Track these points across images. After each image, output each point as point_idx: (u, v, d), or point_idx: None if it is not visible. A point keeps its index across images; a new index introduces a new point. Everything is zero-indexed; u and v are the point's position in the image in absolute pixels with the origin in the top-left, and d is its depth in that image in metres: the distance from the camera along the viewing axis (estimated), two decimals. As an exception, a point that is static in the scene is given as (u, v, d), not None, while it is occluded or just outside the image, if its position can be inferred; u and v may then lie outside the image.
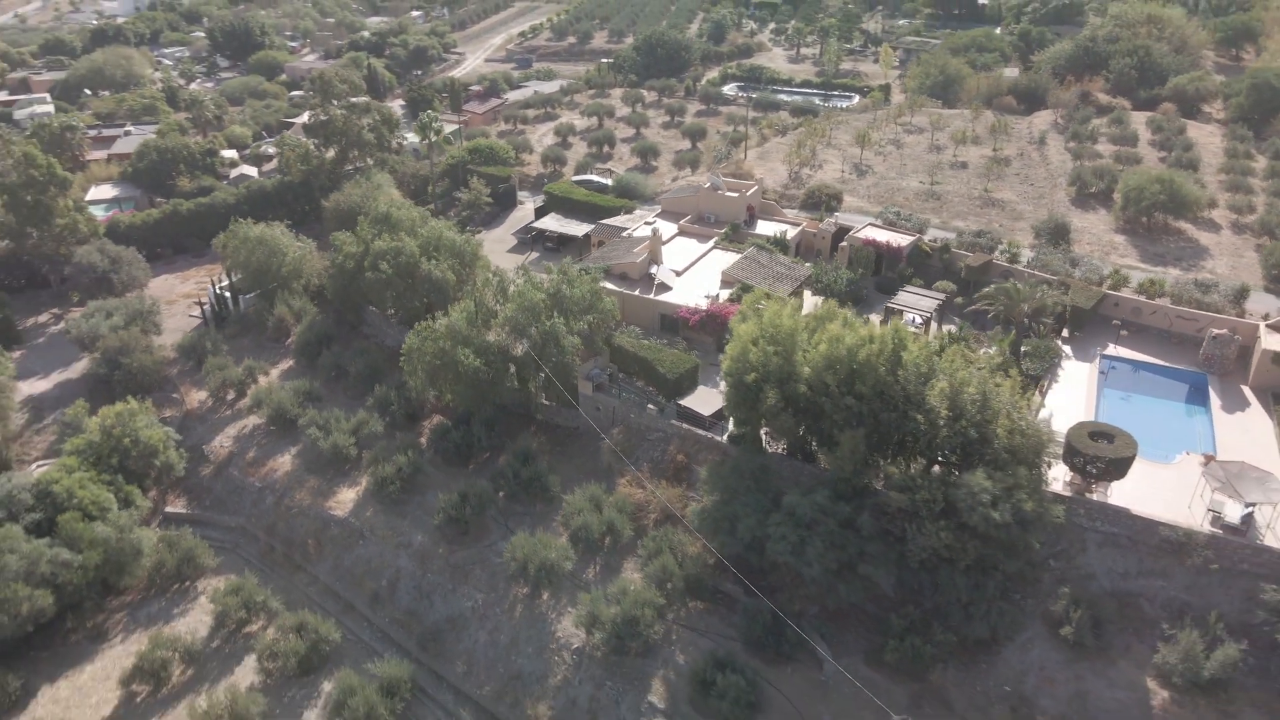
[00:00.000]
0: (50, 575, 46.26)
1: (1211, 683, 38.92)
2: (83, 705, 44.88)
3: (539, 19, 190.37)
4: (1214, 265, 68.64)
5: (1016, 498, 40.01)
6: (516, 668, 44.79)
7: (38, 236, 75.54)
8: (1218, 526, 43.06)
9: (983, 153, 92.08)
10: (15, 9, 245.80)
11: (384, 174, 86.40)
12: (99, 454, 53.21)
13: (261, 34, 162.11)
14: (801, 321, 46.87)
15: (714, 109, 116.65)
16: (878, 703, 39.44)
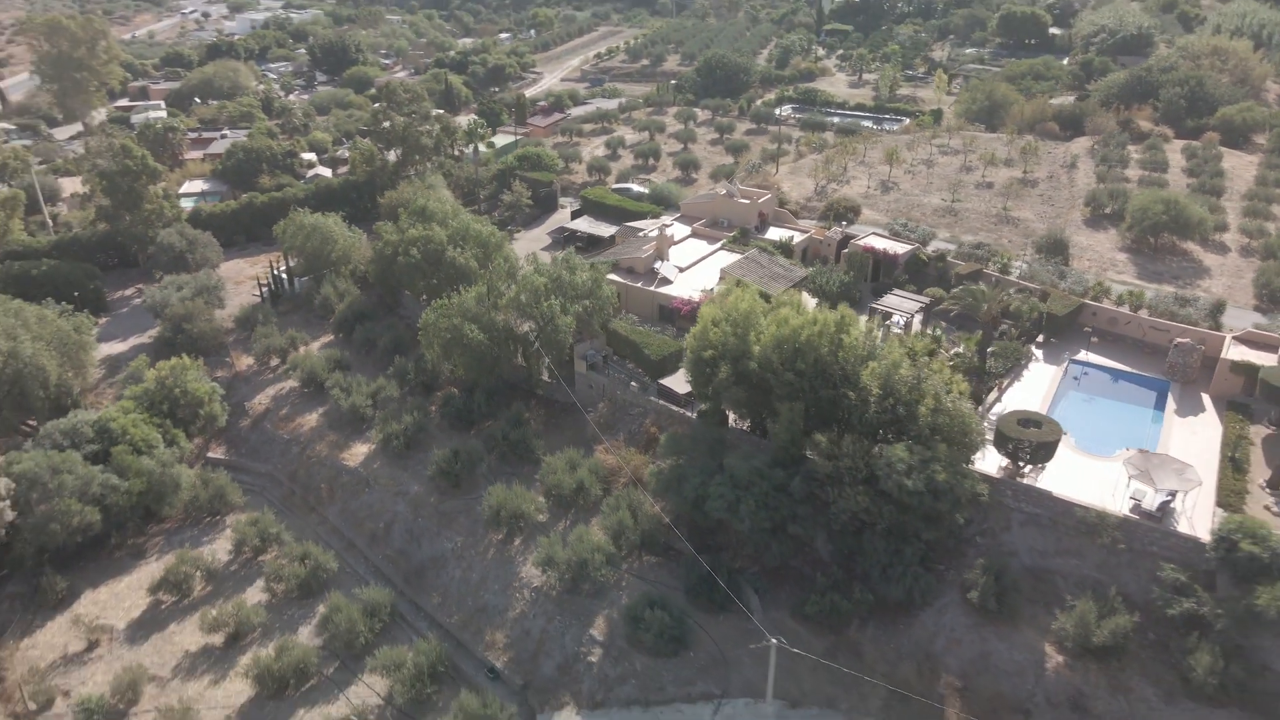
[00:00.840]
0: (99, 496, 53.90)
1: (1102, 649, 41.68)
2: (117, 608, 52.18)
3: (618, 42, 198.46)
4: (1211, 284, 70.06)
5: (931, 469, 43.59)
6: (483, 601, 50.26)
7: (129, 219, 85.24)
8: (1136, 513, 45.64)
9: (1012, 174, 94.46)
10: (149, 26, 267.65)
11: (437, 175, 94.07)
12: (153, 400, 61.16)
13: (356, 51, 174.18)
14: (759, 306, 51.38)
15: (763, 128, 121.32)
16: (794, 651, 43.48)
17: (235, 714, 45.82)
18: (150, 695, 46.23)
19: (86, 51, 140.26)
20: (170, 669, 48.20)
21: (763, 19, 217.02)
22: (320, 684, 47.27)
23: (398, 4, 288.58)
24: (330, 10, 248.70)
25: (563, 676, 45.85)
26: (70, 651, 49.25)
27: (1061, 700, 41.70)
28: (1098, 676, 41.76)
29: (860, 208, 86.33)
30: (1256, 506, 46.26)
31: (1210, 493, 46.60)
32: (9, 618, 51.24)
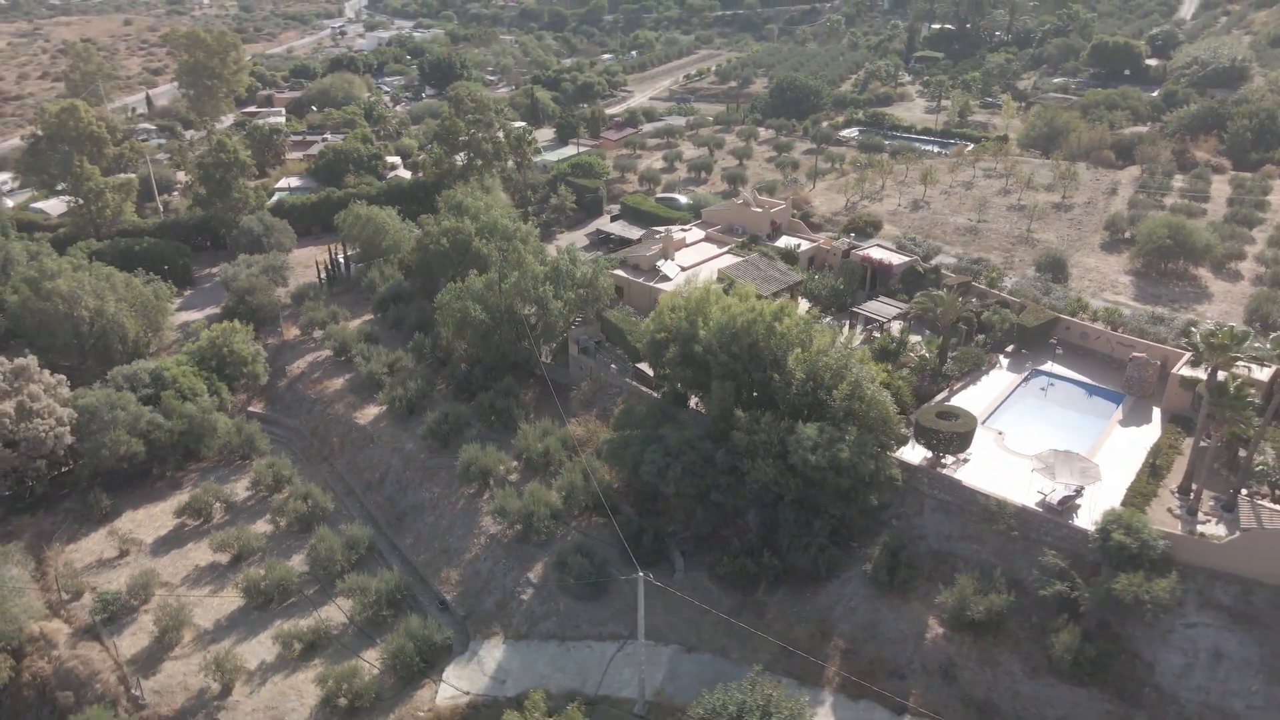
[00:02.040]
0: (146, 431, 62.99)
1: (979, 624, 44.48)
2: (149, 526, 60.89)
3: (712, 65, 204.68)
4: (1207, 309, 70.40)
5: (836, 448, 47.41)
6: (447, 544, 56.56)
7: (219, 206, 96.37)
8: (1040, 505, 48.13)
9: (1049, 199, 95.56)
10: (292, 42, 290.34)
11: (495, 179, 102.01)
12: (203, 356, 70.44)
13: (462, 68, 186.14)
14: (712, 295, 56.12)
15: (822, 148, 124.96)
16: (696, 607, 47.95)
17: (224, 619, 53.33)
18: (159, 596, 54.26)
19: (219, 62, 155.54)
20: (180, 578, 56.28)
21: (861, 45, 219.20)
22: (299, 601, 54.35)
23: (517, 25, 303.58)
24: (450, 30, 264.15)
25: (498, 611, 51.55)
26: (104, 557, 58.05)
27: (935, 668, 44.72)
28: (970, 649, 44.60)
29: (882, 223, 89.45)
30: (1160, 508, 47.96)
31: (1120, 494, 48.63)
32: (61, 527, 60.58)
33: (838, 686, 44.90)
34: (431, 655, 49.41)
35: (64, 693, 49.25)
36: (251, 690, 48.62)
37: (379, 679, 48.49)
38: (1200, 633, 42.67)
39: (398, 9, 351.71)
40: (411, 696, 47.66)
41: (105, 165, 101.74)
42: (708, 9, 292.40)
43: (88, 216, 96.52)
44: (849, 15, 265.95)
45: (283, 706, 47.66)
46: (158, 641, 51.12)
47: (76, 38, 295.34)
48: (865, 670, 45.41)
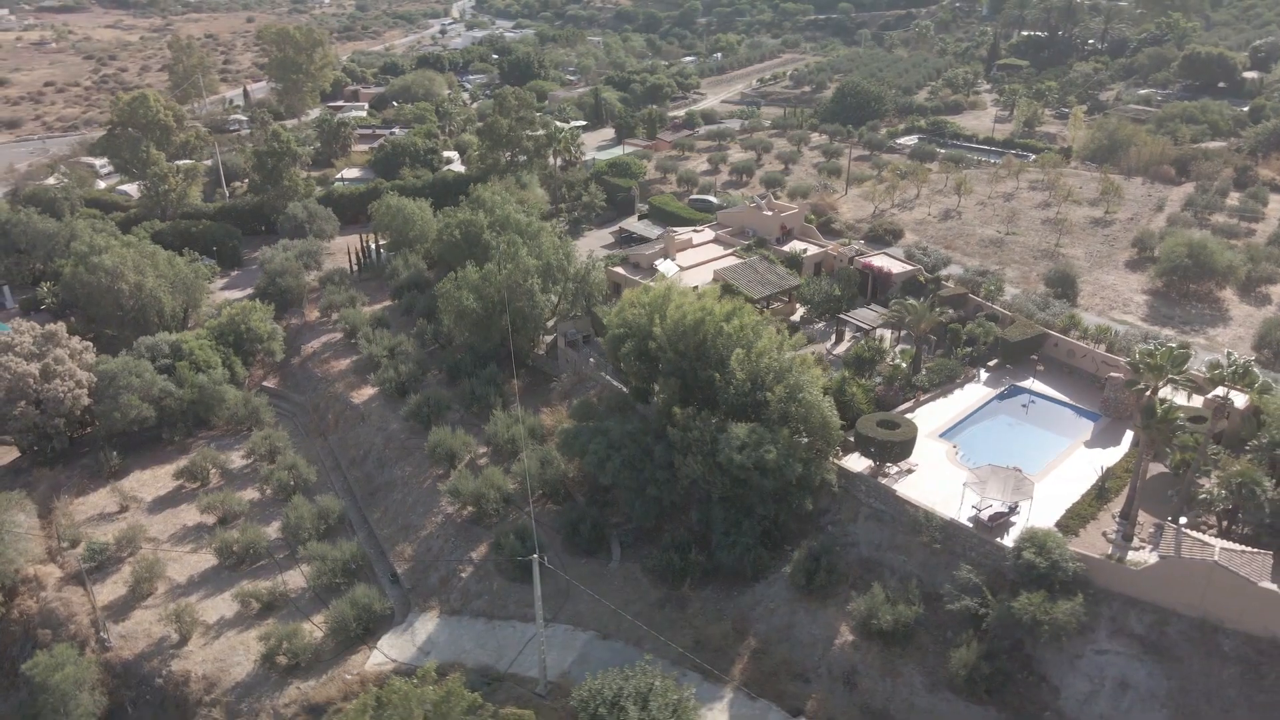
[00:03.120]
0: (158, 397, 67.68)
1: (886, 633, 44.18)
2: (151, 486, 65.46)
3: (789, 69, 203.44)
4: (1220, 333, 67.25)
5: (763, 449, 47.74)
6: (408, 521, 59.11)
7: (271, 193, 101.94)
8: (971, 520, 47.37)
9: (1090, 214, 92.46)
10: (395, 40, 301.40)
11: (533, 175, 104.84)
12: (222, 332, 75.04)
13: (540, 67, 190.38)
14: (673, 292, 56.91)
15: (875, 155, 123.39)
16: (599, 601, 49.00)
17: (197, 575, 57.11)
18: (143, 550, 58.46)
19: (305, 58, 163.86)
20: (167, 535, 60.45)
21: (949, 52, 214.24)
22: (268, 565, 57.72)
23: (612, 26, 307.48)
24: (540, 30, 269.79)
25: (440, 587, 53.71)
26: (105, 511, 62.76)
27: (839, 674, 44.65)
28: (875, 658, 44.35)
29: (903, 231, 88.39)
30: (1096, 531, 46.63)
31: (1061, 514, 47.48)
32: (73, 481, 65.69)
33: (739, 684, 45.29)
34: (374, 623, 51.97)
35: (44, 630, 53.71)
36: (206, 642, 52.06)
37: (322, 641, 51.28)
38: (1109, 660, 41.45)
39: (501, 9, 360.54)
40: (346, 660, 50.23)
41: (171, 152, 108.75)
42: (801, 13, 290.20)
43: (155, 199, 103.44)
44: (944, 21, 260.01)
45: (230, 659, 50.88)
46: (132, 591, 55.18)
47: (201, 33, 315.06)
48: (771, 671, 45.66)
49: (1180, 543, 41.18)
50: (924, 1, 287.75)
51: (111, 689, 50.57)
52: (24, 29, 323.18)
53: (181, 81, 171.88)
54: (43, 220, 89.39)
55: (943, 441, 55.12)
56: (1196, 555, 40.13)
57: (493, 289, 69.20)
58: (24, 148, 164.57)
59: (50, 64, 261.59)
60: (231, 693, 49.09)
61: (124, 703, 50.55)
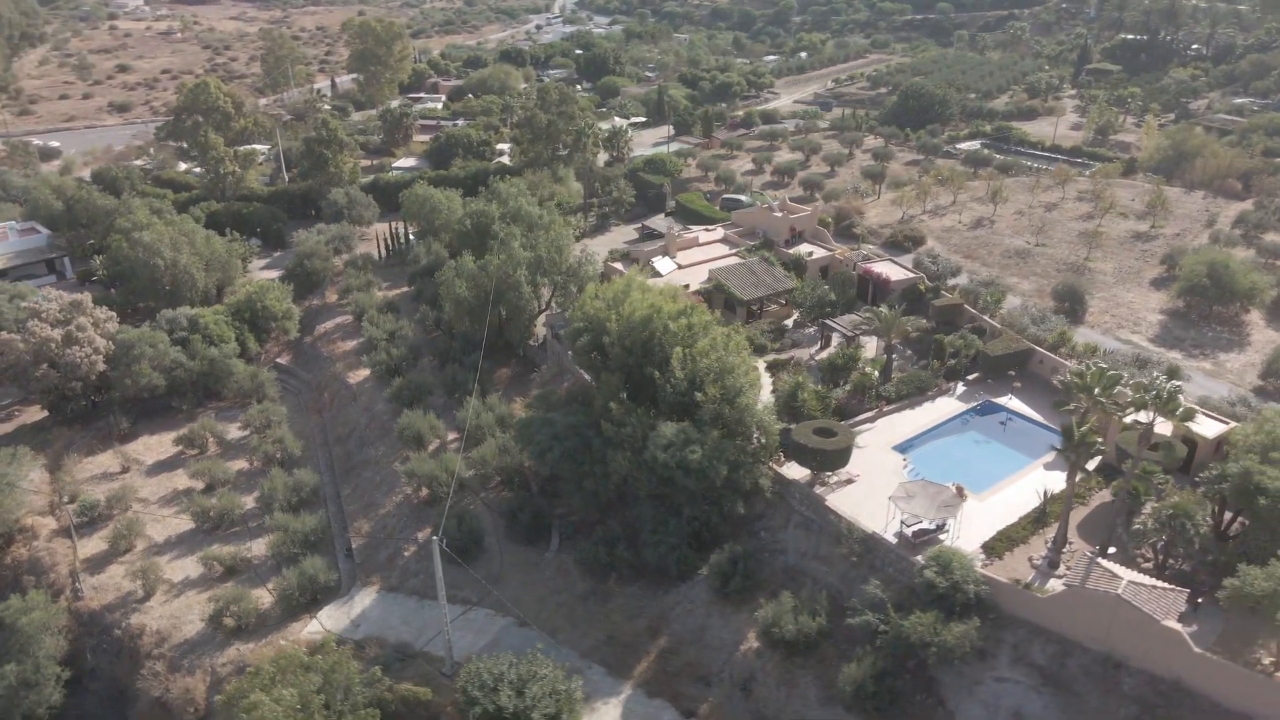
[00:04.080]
0: (169, 367, 71.63)
1: (790, 642, 43.45)
2: (154, 450, 69.39)
3: (870, 69, 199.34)
4: (1232, 359, 63.27)
5: (688, 450, 47.57)
6: (372, 499, 61.11)
7: (317, 179, 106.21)
8: (897, 535, 46.16)
9: (1135, 227, 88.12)
10: (493, 34, 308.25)
11: (568, 169, 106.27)
12: (239, 309, 78.83)
13: (616, 63, 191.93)
14: (634, 286, 57.08)
15: (929, 159, 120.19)
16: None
17: (175, 536, 60.37)
18: (132, 510, 62.12)
19: (385, 50, 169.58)
20: (156, 497, 64.06)
21: (1044, 54, 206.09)
22: (241, 531, 60.54)
23: (706, 23, 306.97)
24: (627, 27, 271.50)
25: (385, 564, 55.39)
26: (108, 471, 66.89)
27: (738, 680, 44.26)
28: (775, 667, 43.75)
29: (925, 238, 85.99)
30: (1022, 556, 44.79)
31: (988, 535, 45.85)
32: (83, 441, 70.18)
33: (640, 682, 45.33)
34: (321, 594, 54.00)
35: (29, 577, 57.82)
36: (167, 599, 55.09)
37: (270, 607, 53.61)
38: (1007, 689, 39.88)
39: (600, 5, 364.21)
40: (288, 627, 52.33)
41: (230, 137, 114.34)
42: (897, 13, 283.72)
43: (214, 181, 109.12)
44: (1046, 23, 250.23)
45: (184, 617, 53.70)
46: (112, 547, 58.76)
47: (313, 25, 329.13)
48: (676, 672, 45.57)
49: (1090, 573, 39.18)
50: (1030, 2, 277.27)
51: (76, 635, 54.12)
52: (156, 19, 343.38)
53: (273, 71, 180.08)
54: (103, 198, 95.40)
55: (896, 454, 53.68)
56: (1103, 587, 38.12)
57: (487, 279, 70.66)
58: (128, 130, 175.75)
59: (172, 53, 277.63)
60: (178, 648, 51.83)
61: (85, 650, 53.99)
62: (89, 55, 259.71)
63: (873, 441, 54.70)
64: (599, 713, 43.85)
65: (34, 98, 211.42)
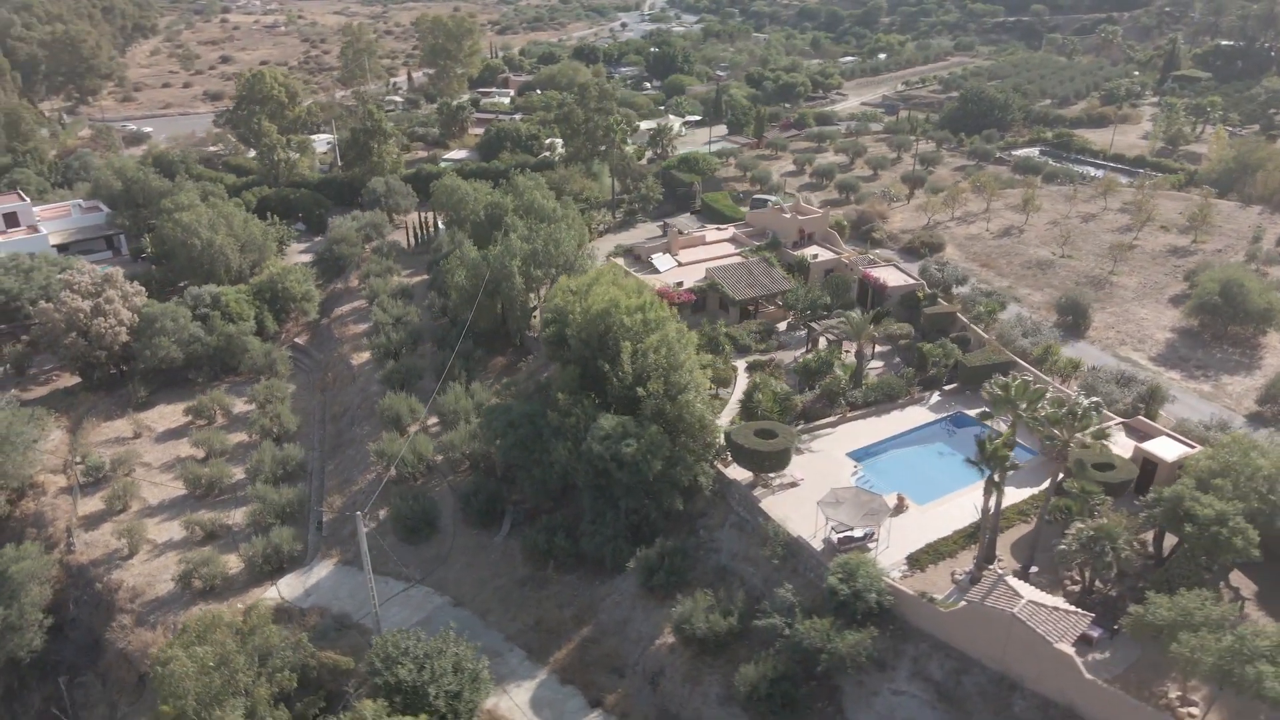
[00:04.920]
0: (188, 341, 75.48)
1: (700, 639, 43.41)
2: (166, 419, 73.25)
3: (946, 72, 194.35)
4: (1236, 382, 60.07)
5: (624, 443, 47.96)
6: (349, 475, 63.34)
7: (360, 169, 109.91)
8: (825, 540, 45.67)
9: (1174, 242, 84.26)
10: (575, 32, 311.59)
11: (604, 165, 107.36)
12: (260, 288, 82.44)
13: (684, 61, 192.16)
14: (603, 279, 57.68)
15: (978, 165, 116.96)
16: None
17: (168, 500, 63.76)
18: (133, 473, 65.84)
19: (455, 45, 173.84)
20: (159, 463, 67.68)
21: (1135, 60, 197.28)
22: (229, 499, 63.56)
23: (792, 24, 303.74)
24: (705, 26, 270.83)
25: (348, 539, 57.30)
26: (121, 436, 70.94)
27: (648, 673, 44.52)
28: (684, 663, 43.85)
29: (945, 245, 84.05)
30: (946, 570, 43.74)
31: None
32: (104, 407, 74.54)
33: (556, 668, 46.00)
34: (287, 563, 56.39)
35: (32, 529, 61.95)
36: (148, 559, 58.29)
37: (239, 573, 56.24)
38: (902, 703, 39.11)
39: (689, 4, 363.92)
40: (250, 591, 54.85)
41: (284, 125, 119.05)
42: (989, 14, 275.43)
43: (268, 167, 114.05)
44: (1146, 27, 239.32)
45: (159, 576, 56.75)
46: (108, 507, 62.40)
47: (408, 20, 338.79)
48: (592, 661, 46.13)
49: (992, 590, 38.05)
50: (1131, 5, 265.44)
51: (63, 586, 57.83)
52: (265, 13, 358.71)
53: (351, 64, 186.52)
54: (157, 180, 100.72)
55: (851, 461, 52.88)
56: (1001, 605, 37.01)
57: (486, 268, 72.26)
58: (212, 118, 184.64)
59: (273, 45, 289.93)
60: (148, 605, 54.83)
61: (69, 600, 57.62)
62: (196, 46, 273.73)
63: (829, 447, 54.05)
64: (510, 695, 44.77)
65: (139, 85, 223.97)
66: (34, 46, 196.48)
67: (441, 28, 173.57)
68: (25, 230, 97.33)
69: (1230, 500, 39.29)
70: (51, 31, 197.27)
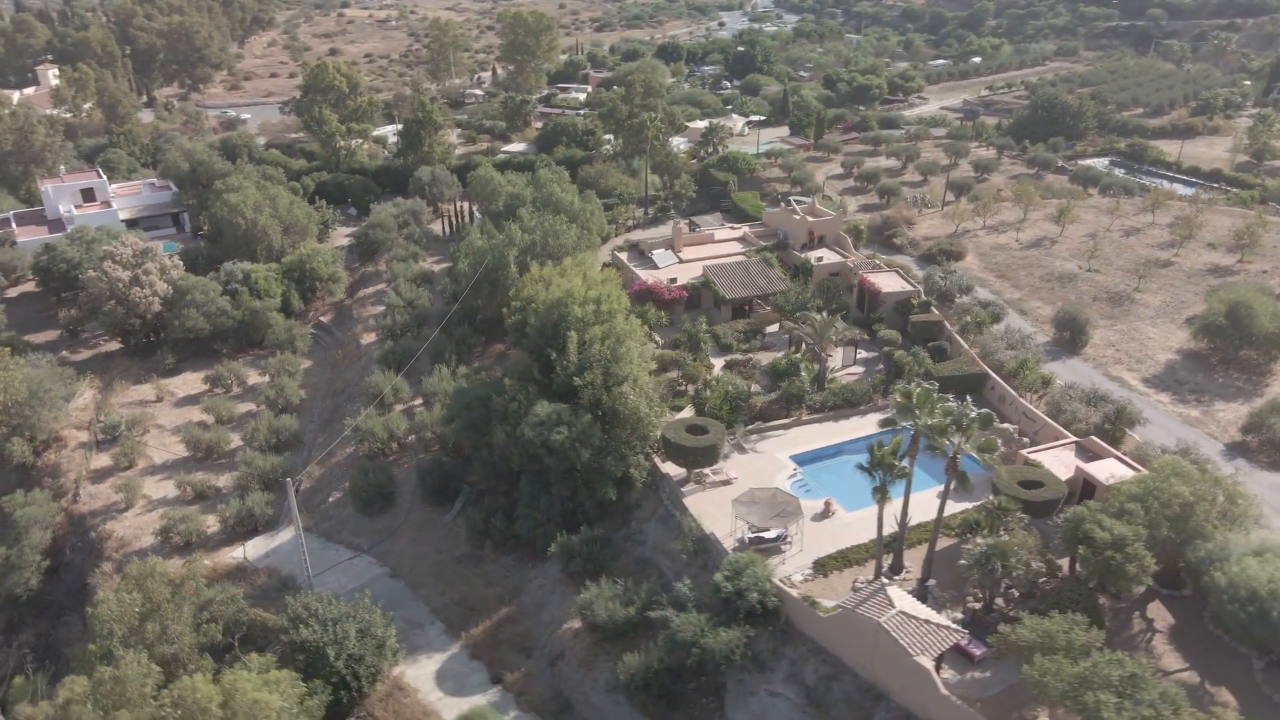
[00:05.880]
0: (215, 314, 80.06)
1: (601, 626, 44.05)
2: (190, 385, 77.88)
3: (1037, 76, 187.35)
4: (1228, 410, 56.67)
5: (555, 430, 48.94)
6: (333, 449, 66.17)
7: (411, 157, 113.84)
8: (739, 539, 45.66)
9: (1218, 260, 79.84)
10: (672, 30, 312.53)
11: (642, 160, 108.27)
12: (290, 267, 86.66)
13: (762, 61, 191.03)
14: (568, 268, 58.66)
15: (1037, 173, 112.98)
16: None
17: (171, 460, 68.03)
18: (145, 433, 70.41)
19: (534, 41, 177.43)
20: (171, 425, 72.15)
21: (1248, 69, 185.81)
22: (225, 463, 67.37)
23: (894, 25, 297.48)
24: (796, 26, 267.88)
25: (316, 508, 60.19)
26: (144, 399, 75.80)
27: (551, 656, 45.44)
28: (584, 649, 44.67)
29: (966, 254, 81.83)
30: (850, 577, 43.11)
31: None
32: (134, 371, 79.75)
33: (469, 644, 47.35)
34: (260, 526, 59.56)
35: (48, 479, 67.07)
36: (140, 513, 62.38)
37: (216, 532, 59.70)
38: (775, 705, 38.91)
39: (794, 4, 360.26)
40: (221, 550, 58.17)
41: (344, 114, 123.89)
42: (1101, 18, 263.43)
43: (330, 154, 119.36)
44: (1271, 35, 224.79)
45: (146, 529, 60.62)
46: (116, 463, 66.97)
47: (528, 17, 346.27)
48: (504, 640, 47.36)
49: (869, 598, 37.40)
50: (1257, 11, 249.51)
51: (63, 533, 62.49)
52: (380, 8, 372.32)
53: (436, 58, 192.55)
54: (220, 162, 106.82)
55: (792, 464, 52.44)
56: (871, 613, 36.40)
57: (489, 257, 74.24)
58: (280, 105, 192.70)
59: (381, 39, 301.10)
60: (130, 554, 58.57)
61: (66, 546, 62.21)
62: (309, 39, 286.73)
63: (776, 449, 53.74)
64: (419, 664, 46.38)
65: (248, 75, 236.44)
66: (153, 36, 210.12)
67: (521, 24, 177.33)
68: (99, 205, 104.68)
69: (1137, 526, 37.55)
70: (169, 22, 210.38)
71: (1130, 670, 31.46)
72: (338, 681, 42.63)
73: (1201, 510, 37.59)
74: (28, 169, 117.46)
